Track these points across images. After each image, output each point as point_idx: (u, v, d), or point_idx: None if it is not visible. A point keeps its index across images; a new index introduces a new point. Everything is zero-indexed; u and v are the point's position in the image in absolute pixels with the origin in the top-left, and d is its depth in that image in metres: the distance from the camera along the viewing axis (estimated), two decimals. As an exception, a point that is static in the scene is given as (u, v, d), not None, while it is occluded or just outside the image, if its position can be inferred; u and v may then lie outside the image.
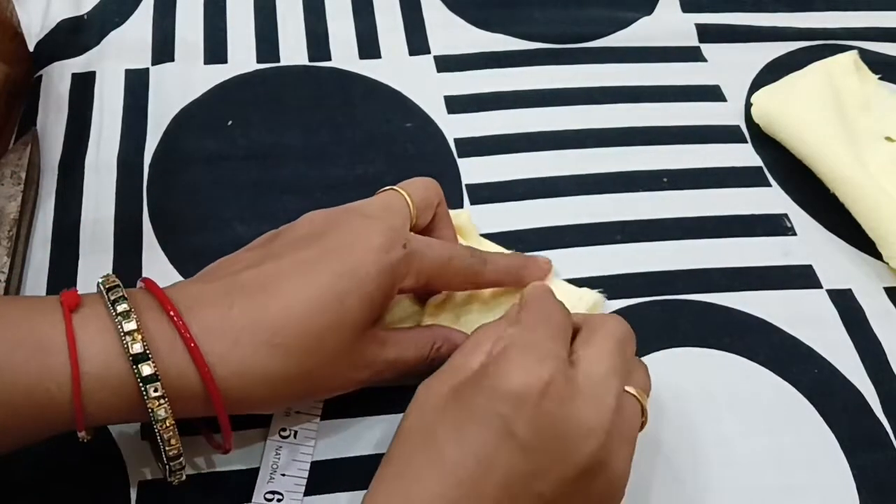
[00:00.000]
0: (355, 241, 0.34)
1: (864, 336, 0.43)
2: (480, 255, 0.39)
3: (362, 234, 0.35)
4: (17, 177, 0.44)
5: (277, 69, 0.52)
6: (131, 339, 0.30)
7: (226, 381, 0.31)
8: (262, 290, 0.32)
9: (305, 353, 0.32)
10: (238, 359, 0.31)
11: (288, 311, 0.32)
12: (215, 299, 0.32)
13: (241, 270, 0.33)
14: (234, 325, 0.31)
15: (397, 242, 0.35)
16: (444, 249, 0.38)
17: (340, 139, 0.49)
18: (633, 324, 0.42)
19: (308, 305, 0.32)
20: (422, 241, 0.37)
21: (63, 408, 0.29)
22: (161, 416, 0.30)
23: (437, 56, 0.54)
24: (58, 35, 0.53)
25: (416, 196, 0.38)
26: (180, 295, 0.32)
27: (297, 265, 0.33)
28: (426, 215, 0.39)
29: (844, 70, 0.52)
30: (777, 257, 0.46)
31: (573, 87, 0.53)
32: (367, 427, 0.38)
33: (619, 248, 0.45)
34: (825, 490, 0.38)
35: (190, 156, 0.48)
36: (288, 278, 0.33)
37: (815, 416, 0.40)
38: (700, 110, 0.53)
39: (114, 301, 0.31)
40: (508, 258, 0.42)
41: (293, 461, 0.36)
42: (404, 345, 0.37)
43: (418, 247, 0.36)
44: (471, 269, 0.39)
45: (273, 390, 0.32)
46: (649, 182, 0.49)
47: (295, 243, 0.35)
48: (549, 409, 0.31)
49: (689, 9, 0.58)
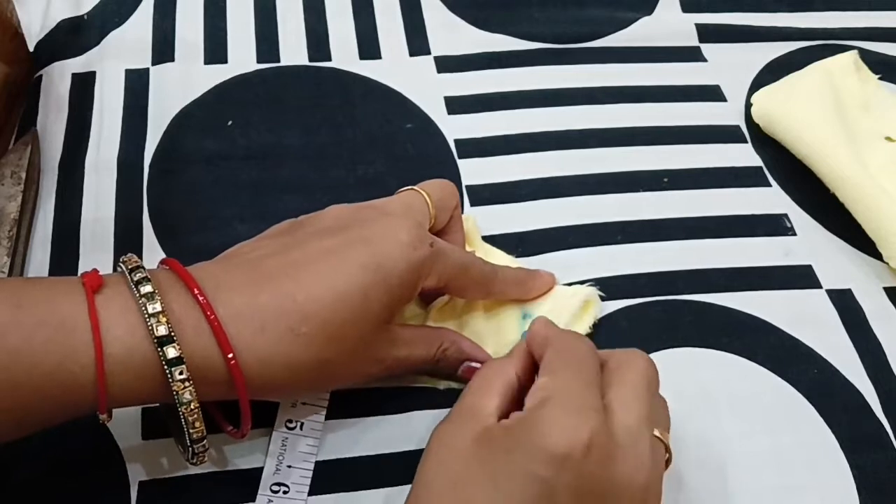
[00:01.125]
0: (384, 234, 0.34)
1: (864, 336, 0.43)
2: (491, 264, 0.40)
3: (390, 228, 0.35)
4: (17, 177, 0.44)
5: (277, 69, 0.52)
6: (156, 321, 0.30)
7: (250, 367, 0.31)
8: (290, 277, 0.32)
9: (327, 343, 0.32)
10: (263, 345, 0.31)
11: (314, 301, 0.32)
12: (242, 284, 0.32)
13: (266, 256, 0.33)
14: (261, 312, 0.31)
15: (424, 240, 0.35)
16: (464, 255, 0.38)
17: (340, 139, 0.49)
18: (634, 324, 0.43)
19: (334, 296, 0.32)
20: (445, 243, 0.37)
21: (86, 389, 0.29)
22: (186, 399, 0.30)
23: (437, 56, 0.54)
24: (58, 35, 0.53)
25: (435, 196, 0.39)
26: (206, 276, 0.32)
27: (323, 254, 0.33)
28: (443, 217, 0.39)
29: (844, 70, 0.52)
30: (777, 257, 0.46)
31: (573, 87, 0.53)
32: (368, 428, 0.38)
33: (620, 249, 0.45)
34: (825, 490, 0.38)
35: (190, 156, 0.48)
36: (314, 267, 0.33)
37: (815, 416, 0.40)
38: (700, 110, 0.53)
39: (137, 282, 0.31)
40: (514, 271, 0.42)
41: (299, 452, 0.36)
42: (415, 343, 0.37)
43: (443, 247, 0.36)
44: (485, 277, 0.39)
45: (294, 378, 0.32)
46: (650, 182, 0.49)
47: (320, 233, 0.35)
48: (591, 470, 0.30)
49: (689, 9, 0.58)
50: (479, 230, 0.44)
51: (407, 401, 0.39)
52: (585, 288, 0.42)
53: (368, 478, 0.37)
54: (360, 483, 0.36)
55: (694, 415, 0.40)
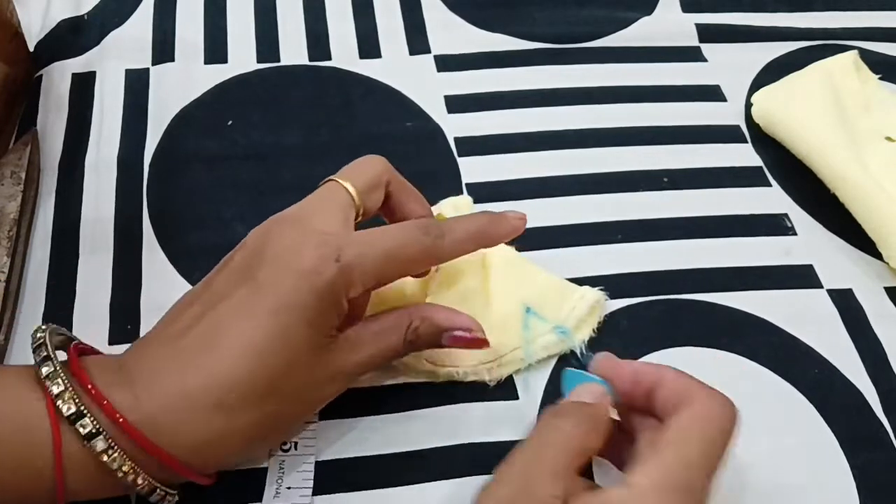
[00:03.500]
0: (284, 270, 0.33)
1: (864, 336, 0.43)
2: (438, 227, 0.36)
3: (292, 255, 0.33)
4: (17, 177, 0.44)
5: (277, 69, 0.52)
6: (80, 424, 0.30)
7: (189, 454, 0.31)
8: (207, 349, 0.32)
9: (261, 400, 0.32)
10: (196, 430, 0.31)
11: (235, 367, 0.31)
12: (166, 369, 0.32)
13: (185, 330, 0.33)
14: (186, 397, 0.31)
15: (329, 258, 0.33)
16: (390, 240, 0.35)
17: (340, 139, 0.49)
18: (634, 323, 0.42)
19: (253, 353, 0.32)
20: (361, 242, 0.34)
21: (47, 484, 0.30)
22: (130, 479, 0.31)
23: (437, 56, 0.54)
24: (58, 35, 0.53)
25: (360, 181, 0.37)
26: (134, 364, 0.32)
27: (233, 312, 0.32)
28: (375, 198, 0.37)
29: (844, 70, 0.52)
30: (777, 257, 0.46)
31: (573, 86, 0.53)
32: (368, 428, 0.38)
33: (620, 248, 0.45)
34: (825, 490, 0.38)
35: (190, 156, 0.48)
36: (227, 330, 0.32)
37: (816, 415, 0.40)
38: (700, 110, 0.53)
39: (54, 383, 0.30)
40: (468, 220, 0.38)
41: (297, 472, 0.36)
42: (379, 337, 0.35)
43: (357, 251, 0.34)
44: (427, 250, 0.36)
45: (243, 443, 0.33)
46: (649, 182, 0.49)
47: (230, 282, 0.33)
48: None
49: (689, 9, 0.58)
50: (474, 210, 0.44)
51: (407, 401, 0.39)
52: (594, 291, 0.42)
53: (368, 478, 0.37)
54: (361, 483, 0.36)
55: (694, 415, 0.40)
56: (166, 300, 0.35)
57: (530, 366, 0.40)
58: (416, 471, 0.37)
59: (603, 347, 0.40)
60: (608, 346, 0.41)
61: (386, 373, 0.40)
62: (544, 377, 0.40)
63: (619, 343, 0.41)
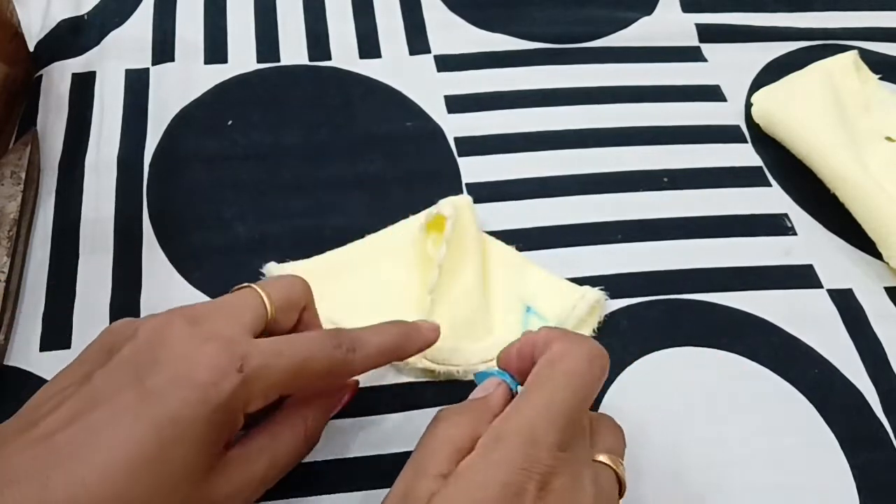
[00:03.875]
0: (179, 374, 0.29)
1: (864, 336, 0.43)
2: (350, 340, 0.34)
3: (188, 363, 0.30)
4: (17, 177, 0.44)
5: (277, 69, 0.52)
6: None
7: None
8: (78, 455, 0.28)
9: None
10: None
11: (106, 480, 0.28)
12: (29, 475, 0.28)
13: (58, 428, 0.29)
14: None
15: (230, 369, 0.30)
16: (299, 351, 0.32)
17: (340, 139, 0.49)
18: (634, 323, 0.42)
19: (127, 468, 0.28)
20: (267, 352, 0.31)
21: None
22: None
23: (437, 56, 0.54)
24: (58, 35, 0.53)
25: (277, 296, 0.34)
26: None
27: (112, 418, 0.29)
28: (288, 317, 0.34)
29: (844, 70, 0.52)
30: (777, 257, 0.46)
31: (573, 86, 0.53)
32: (368, 427, 0.38)
33: (620, 248, 0.45)
34: (825, 490, 0.38)
35: (190, 156, 0.48)
36: (104, 435, 0.28)
37: (816, 415, 0.40)
38: (700, 110, 0.53)
39: None
40: (382, 334, 0.36)
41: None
42: (273, 446, 0.32)
43: (261, 361, 0.31)
44: (337, 364, 0.33)
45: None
46: (649, 182, 0.49)
47: (114, 381, 0.30)
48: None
49: (689, 9, 0.58)
50: (474, 212, 0.44)
51: (407, 401, 0.39)
52: (594, 291, 0.42)
53: (369, 478, 0.37)
54: (361, 483, 0.36)
55: (694, 415, 0.40)
56: (166, 300, 0.35)
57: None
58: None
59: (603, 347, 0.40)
60: (608, 345, 0.41)
61: (386, 373, 0.40)
62: (544, 377, 0.40)
63: (619, 343, 0.41)
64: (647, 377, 0.41)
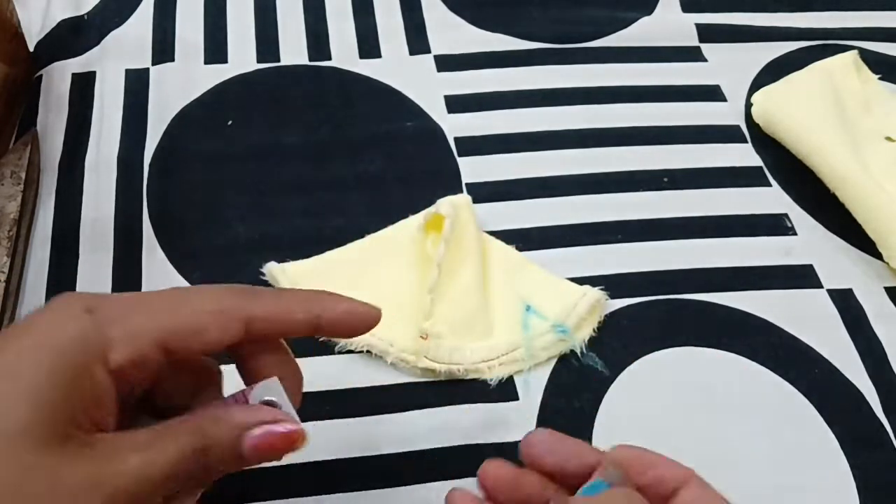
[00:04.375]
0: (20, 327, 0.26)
1: (864, 336, 0.43)
2: (253, 289, 0.29)
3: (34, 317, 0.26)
4: (17, 177, 0.44)
5: (277, 69, 0.52)
6: None
7: None
8: None
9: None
10: None
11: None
12: None
13: None
14: None
15: (77, 308, 0.26)
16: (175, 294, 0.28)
17: (340, 139, 0.49)
18: (634, 323, 0.42)
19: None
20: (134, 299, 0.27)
21: None
22: None
23: (437, 55, 0.54)
24: (58, 35, 0.53)
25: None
26: None
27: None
28: None
29: (844, 70, 0.52)
30: (777, 257, 0.46)
31: (573, 86, 0.53)
32: (368, 427, 0.38)
33: (620, 248, 0.45)
34: (825, 490, 0.38)
35: (190, 156, 0.48)
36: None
37: (816, 415, 0.40)
38: (700, 110, 0.53)
39: None
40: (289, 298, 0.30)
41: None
42: (157, 443, 0.25)
43: (121, 305, 0.26)
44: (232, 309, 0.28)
45: None
46: (650, 182, 0.49)
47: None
48: None
49: (689, 9, 0.58)
50: (474, 215, 0.44)
51: (407, 401, 0.39)
52: (595, 291, 0.42)
53: (368, 478, 0.37)
54: (360, 483, 0.36)
55: (694, 415, 0.40)
56: (166, 300, 0.35)
57: (530, 367, 0.40)
58: (416, 471, 0.37)
59: (603, 347, 0.40)
60: (608, 345, 0.41)
61: (386, 372, 0.40)
62: (544, 378, 0.40)
63: (619, 343, 0.41)
64: (647, 377, 0.41)
